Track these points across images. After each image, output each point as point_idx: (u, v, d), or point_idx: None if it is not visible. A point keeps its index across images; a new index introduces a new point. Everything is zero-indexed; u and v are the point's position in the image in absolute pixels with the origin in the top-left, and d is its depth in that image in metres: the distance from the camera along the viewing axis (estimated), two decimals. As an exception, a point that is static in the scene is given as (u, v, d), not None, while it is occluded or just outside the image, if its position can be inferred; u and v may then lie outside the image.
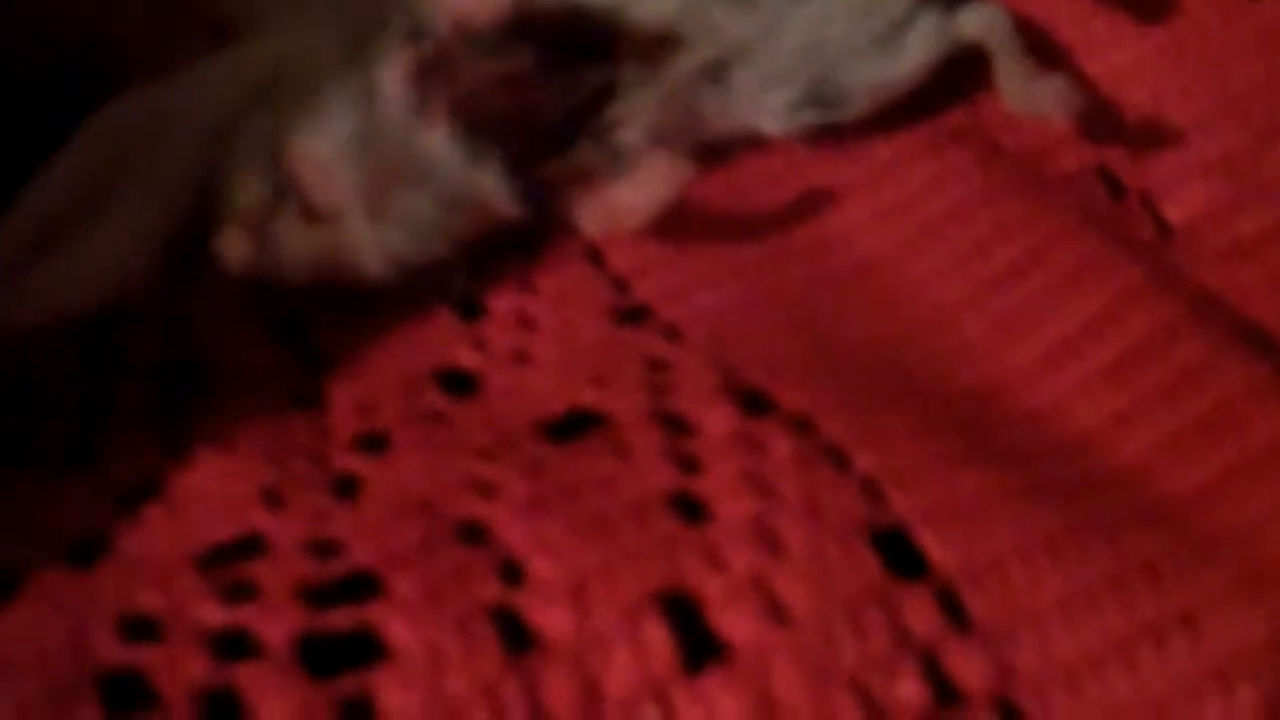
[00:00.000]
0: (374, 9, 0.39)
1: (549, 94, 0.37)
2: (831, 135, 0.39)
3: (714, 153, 0.39)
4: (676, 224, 0.36)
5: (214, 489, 0.30)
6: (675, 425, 0.30)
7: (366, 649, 0.25)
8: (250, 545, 0.27)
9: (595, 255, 0.37)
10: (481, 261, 0.37)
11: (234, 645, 0.25)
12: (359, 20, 0.39)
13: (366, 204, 0.36)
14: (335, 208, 0.36)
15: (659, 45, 0.38)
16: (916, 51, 0.38)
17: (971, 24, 0.38)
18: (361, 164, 0.36)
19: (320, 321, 0.36)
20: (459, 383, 0.34)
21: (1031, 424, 0.31)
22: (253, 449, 0.31)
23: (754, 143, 0.39)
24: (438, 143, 0.36)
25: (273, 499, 0.30)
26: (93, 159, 0.37)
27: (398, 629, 0.25)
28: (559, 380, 0.33)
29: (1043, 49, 0.39)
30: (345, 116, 0.36)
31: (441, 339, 0.35)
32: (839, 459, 0.28)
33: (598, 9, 0.38)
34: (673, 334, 0.34)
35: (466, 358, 0.34)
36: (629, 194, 0.36)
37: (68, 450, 0.33)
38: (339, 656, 0.25)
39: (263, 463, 0.31)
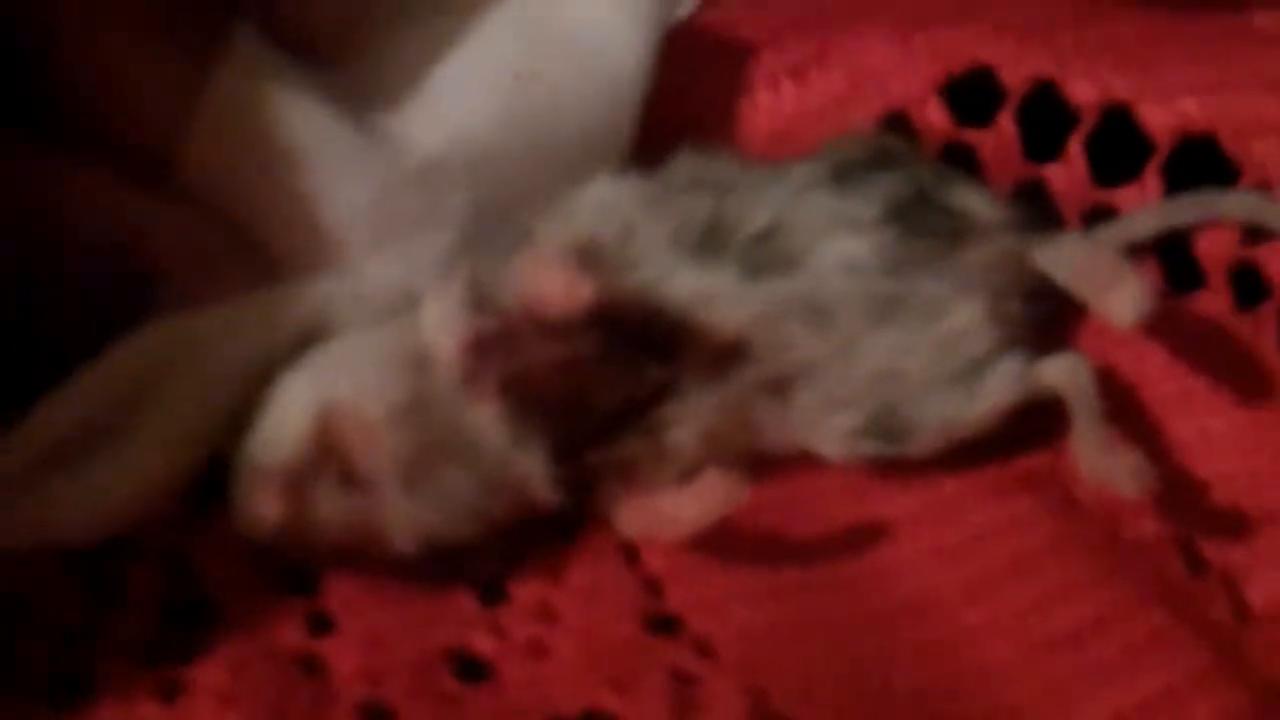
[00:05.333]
0: (432, 262, 0.46)
1: (607, 383, 0.43)
2: (893, 461, 0.44)
3: (766, 462, 0.45)
4: (719, 533, 0.42)
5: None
6: (695, 742, 0.35)
7: None
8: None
9: (630, 553, 0.43)
10: (510, 545, 0.42)
11: None
12: (415, 271, 0.45)
13: (406, 478, 0.40)
14: (375, 478, 0.40)
15: (726, 353, 0.43)
16: (993, 394, 0.44)
17: (1052, 373, 0.44)
18: (408, 435, 0.41)
19: (329, 579, 0.42)
20: (472, 668, 0.40)
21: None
22: (253, 704, 0.38)
23: (810, 457, 0.45)
24: (486, 421, 0.42)
25: (273, 757, 0.36)
26: (113, 386, 0.43)
27: None
28: (577, 679, 0.39)
29: (1129, 405, 0.45)
30: (396, 381, 0.41)
31: (458, 620, 0.41)
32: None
33: (673, 306, 0.43)
34: (704, 649, 0.40)
35: (482, 643, 0.41)
36: (678, 506, 0.41)
37: (56, 680, 0.39)
38: None
39: (264, 717, 0.38)
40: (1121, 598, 0.42)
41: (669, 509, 0.42)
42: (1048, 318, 0.47)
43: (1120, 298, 0.43)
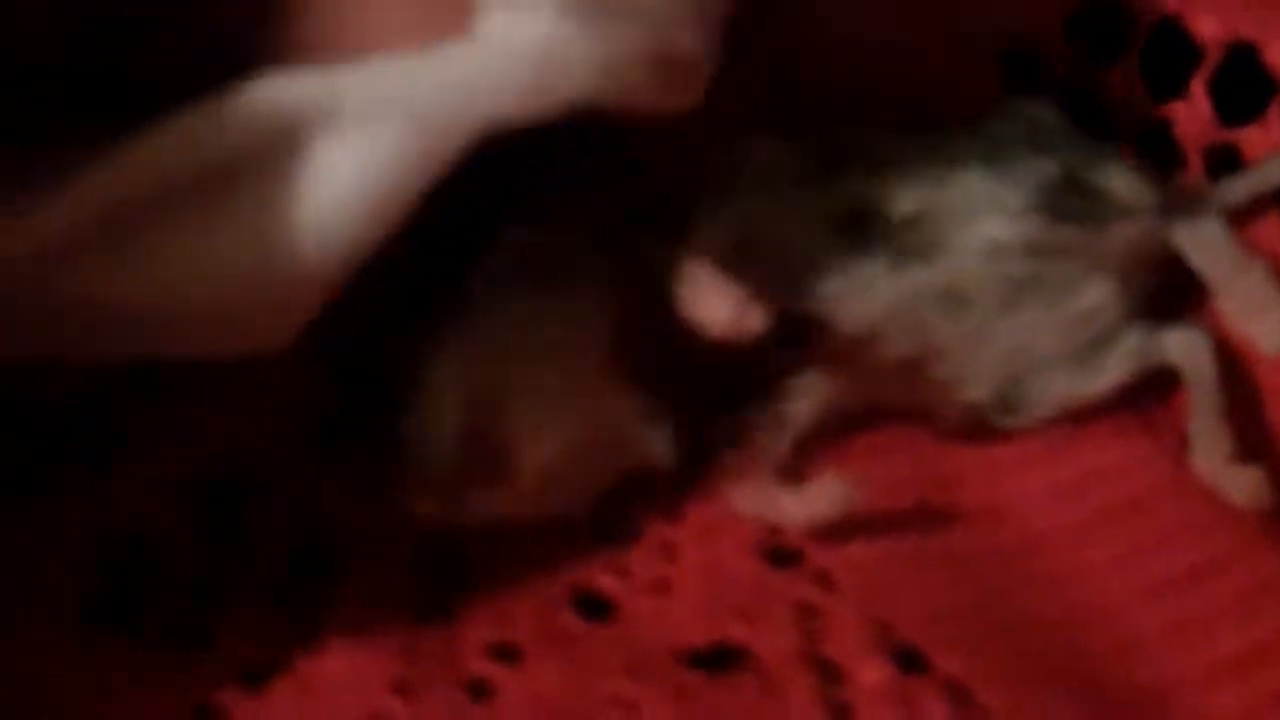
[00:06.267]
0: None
1: (737, 365, 0.42)
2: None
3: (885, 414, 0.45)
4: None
5: (344, 674, 0.38)
6: (826, 671, 0.37)
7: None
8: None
9: (747, 490, 0.43)
10: (628, 496, 0.43)
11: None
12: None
13: (551, 477, 0.41)
14: (523, 476, 0.40)
15: (859, 340, 0.43)
16: (1114, 370, 0.45)
17: (1172, 348, 0.44)
18: (558, 437, 0.41)
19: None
20: (596, 606, 0.41)
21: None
22: (383, 645, 0.39)
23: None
24: (625, 405, 0.42)
25: (404, 688, 0.38)
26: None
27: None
28: (702, 612, 0.40)
29: (1246, 384, 0.45)
30: (549, 374, 0.41)
31: (579, 560, 0.42)
32: (996, 732, 0.35)
33: (816, 297, 0.43)
34: (825, 581, 0.40)
35: (605, 583, 0.41)
36: (793, 504, 0.42)
37: (186, 621, 0.40)
38: None
39: (393, 656, 0.38)
40: (1238, 541, 0.42)
41: (785, 504, 0.42)
42: (1173, 284, 0.47)
43: (1271, 327, 0.44)
